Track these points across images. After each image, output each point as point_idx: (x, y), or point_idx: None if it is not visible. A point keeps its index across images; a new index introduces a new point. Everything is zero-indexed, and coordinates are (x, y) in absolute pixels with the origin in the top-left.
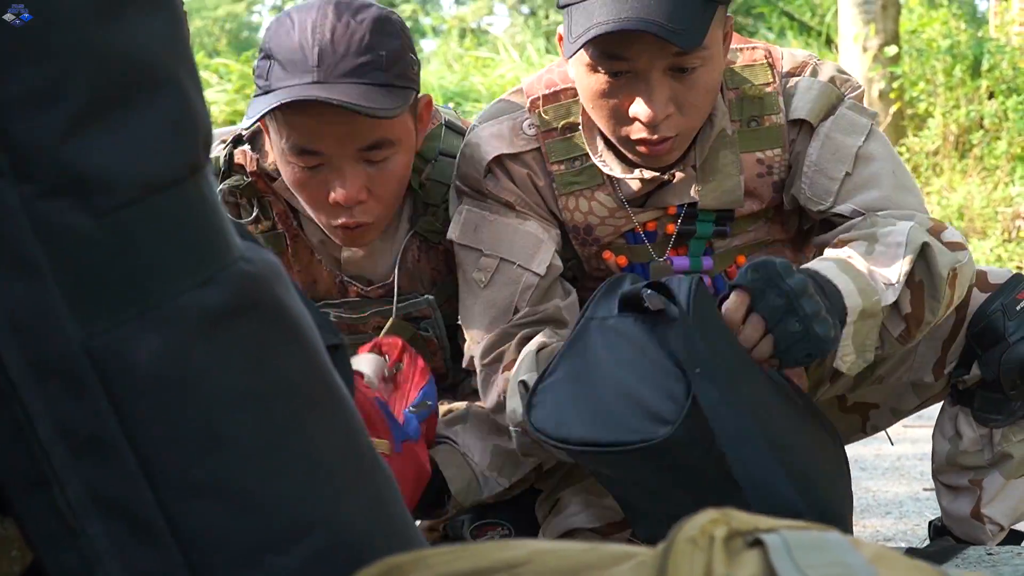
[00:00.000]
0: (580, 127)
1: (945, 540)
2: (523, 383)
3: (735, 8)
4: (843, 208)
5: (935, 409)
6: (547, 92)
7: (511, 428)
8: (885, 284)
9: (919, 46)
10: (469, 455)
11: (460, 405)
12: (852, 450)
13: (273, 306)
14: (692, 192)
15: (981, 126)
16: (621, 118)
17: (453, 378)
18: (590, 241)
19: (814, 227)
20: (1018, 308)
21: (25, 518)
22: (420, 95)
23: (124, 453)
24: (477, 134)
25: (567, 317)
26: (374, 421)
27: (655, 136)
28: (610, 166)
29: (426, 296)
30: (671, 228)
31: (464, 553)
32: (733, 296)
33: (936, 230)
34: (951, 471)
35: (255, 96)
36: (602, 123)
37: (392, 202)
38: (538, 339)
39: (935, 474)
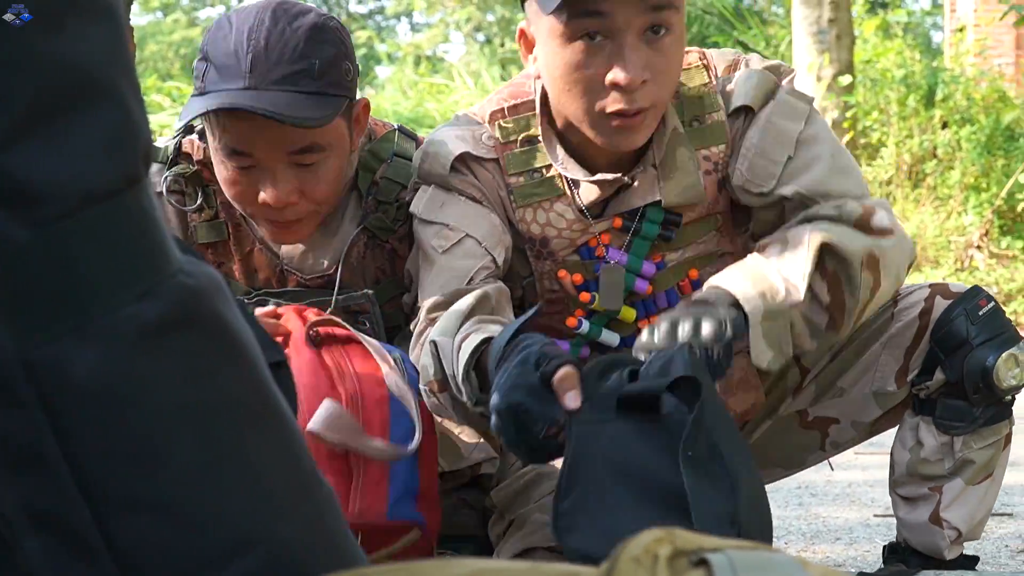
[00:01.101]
0: (539, 139)
1: (896, 566)
2: (433, 343)
3: (689, 40)
4: (786, 190)
5: (887, 436)
6: (507, 105)
7: (421, 386)
8: (791, 283)
9: (873, 76)
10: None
11: None
12: (803, 476)
13: (213, 321)
14: (656, 191)
15: (934, 156)
16: (596, 90)
17: None
18: (545, 254)
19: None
20: (980, 313)
21: None
22: (358, 99)
23: (60, 467)
24: (440, 133)
25: (506, 307)
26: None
27: (632, 107)
28: (571, 172)
29: (365, 291)
30: (618, 222)
31: (404, 571)
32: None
33: (866, 216)
34: (911, 482)
35: (192, 96)
36: (575, 102)
37: (323, 202)
38: (468, 300)
39: (893, 487)
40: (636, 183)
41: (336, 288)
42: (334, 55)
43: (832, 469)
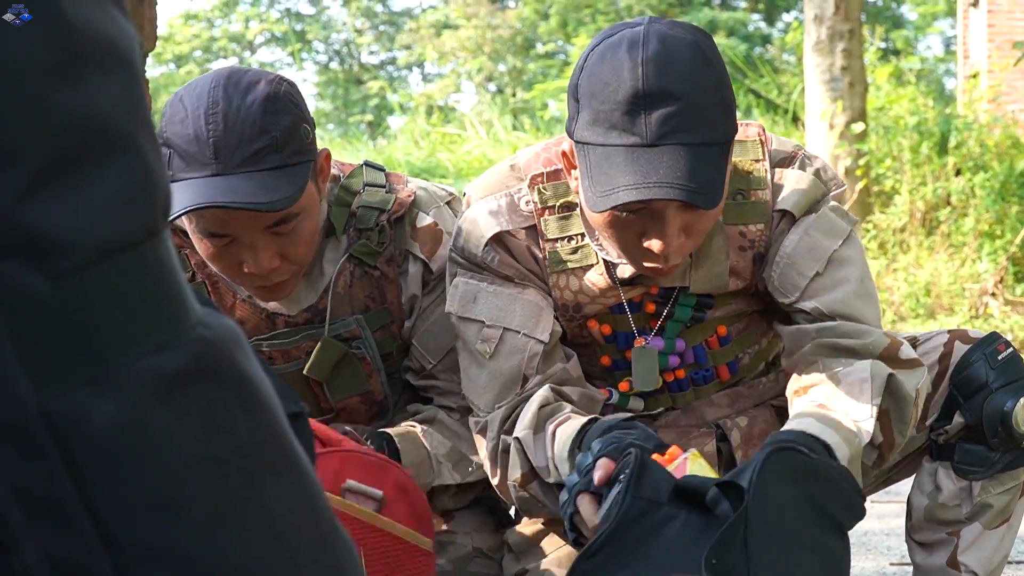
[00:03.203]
0: (578, 207)
1: None
2: (517, 440)
3: None
4: (805, 304)
5: (902, 485)
6: (548, 170)
7: (509, 483)
8: (861, 427)
9: (886, 123)
10: (427, 441)
11: (429, 409)
12: None
13: (231, 372)
14: (686, 278)
15: (948, 203)
16: (633, 243)
17: (391, 403)
18: (578, 317)
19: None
20: (1000, 358)
21: None
22: (320, 152)
23: (81, 518)
24: (475, 210)
25: (573, 375)
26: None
27: (667, 265)
28: (607, 251)
29: (355, 316)
30: (651, 307)
31: None
32: None
33: (892, 349)
34: (928, 527)
35: None
36: (611, 244)
37: (304, 261)
38: (540, 394)
39: (910, 533)
40: None
41: (327, 316)
42: (291, 123)
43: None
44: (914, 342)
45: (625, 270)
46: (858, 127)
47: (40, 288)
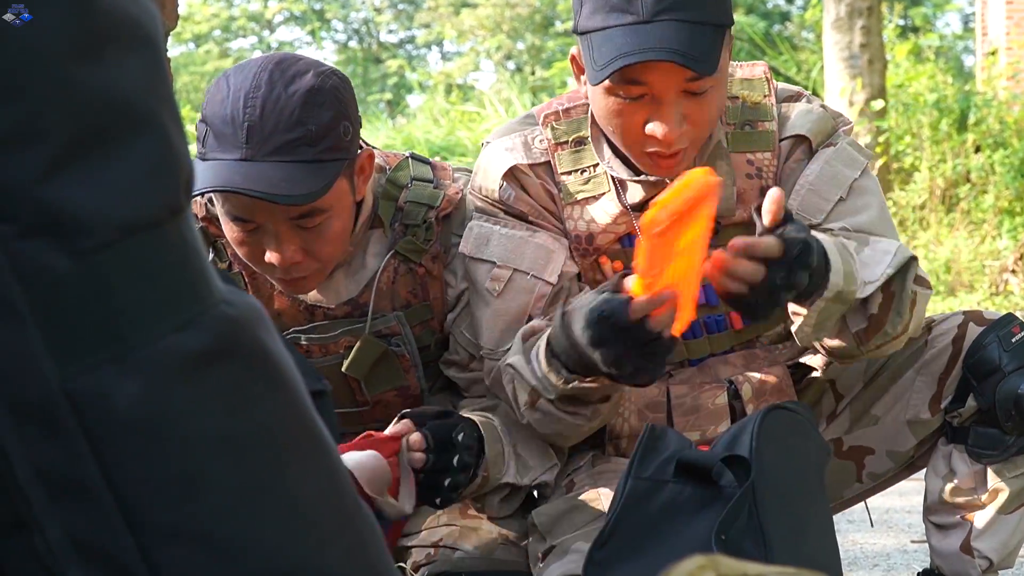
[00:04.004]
0: (589, 139)
1: None
2: (511, 366)
3: None
4: (832, 225)
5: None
6: (561, 108)
7: (522, 409)
8: (864, 281)
9: (905, 100)
10: (503, 435)
11: (489, 398)
12: None
13: (254, 350)
14: None
15: (968, 180)
16: (636, 133)
17: (426, 396)
18: (591, 251)
19: None
20: (1013, 340)
21: (4, 562)
22: (360, 152)
23: (103, 497)
24: (491, 149)
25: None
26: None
27: (670, 151)
28: (617, 171)
29: (395, 313)
30: None
31: None
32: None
33: (913, 262)
34: (943, 510)
35: (195, 158)
36: (617, 139)
37: (329, 260)
38: (528, 327)
39: (927, 514)
40: None
41: (369, 314)
42: (330, 119)
43: (872, 525)
44: (929, 323)
45: (635, 193)
46: (877, 104)
47: (63, 267)
